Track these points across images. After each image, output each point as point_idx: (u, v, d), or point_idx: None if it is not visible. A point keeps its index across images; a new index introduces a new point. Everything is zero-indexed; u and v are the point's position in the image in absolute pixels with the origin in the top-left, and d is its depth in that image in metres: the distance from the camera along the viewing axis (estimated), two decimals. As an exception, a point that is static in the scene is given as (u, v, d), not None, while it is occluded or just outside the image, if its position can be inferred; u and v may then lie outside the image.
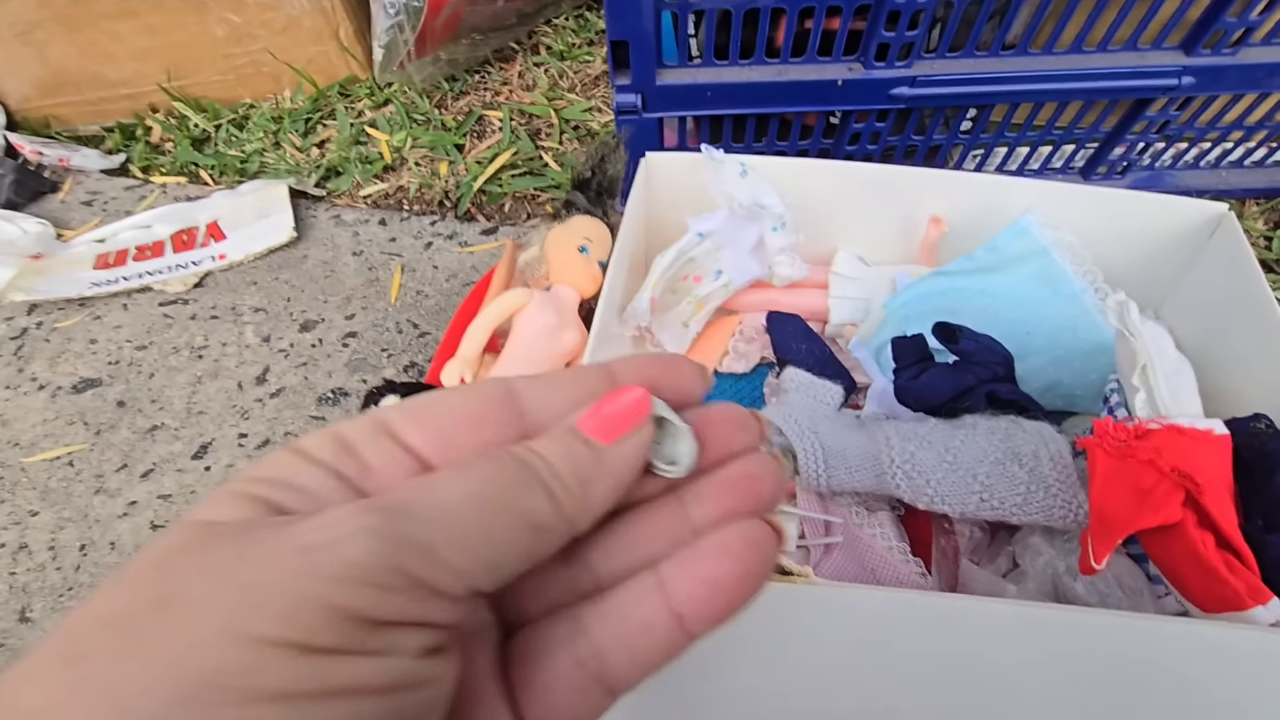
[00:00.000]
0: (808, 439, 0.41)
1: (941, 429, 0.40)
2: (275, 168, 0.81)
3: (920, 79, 0.56)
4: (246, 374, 0.61)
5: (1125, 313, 0.36)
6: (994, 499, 0.36)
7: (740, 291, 0.55)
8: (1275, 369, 0.39)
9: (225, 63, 0.86)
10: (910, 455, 0.38)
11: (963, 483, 0.37)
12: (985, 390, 0.40)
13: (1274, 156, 0.66)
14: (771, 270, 0.53)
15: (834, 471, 0.40)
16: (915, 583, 0.39)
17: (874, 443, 0.40)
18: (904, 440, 0.39)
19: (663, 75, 0.57)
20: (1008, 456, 0.37)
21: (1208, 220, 0.47)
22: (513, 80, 0.88)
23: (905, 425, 0.41)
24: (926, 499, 0.38)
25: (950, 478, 0.37)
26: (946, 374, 0.42)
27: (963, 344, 0.40)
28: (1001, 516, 0.37)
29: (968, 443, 0.38)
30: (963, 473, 0.37)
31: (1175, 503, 0.31)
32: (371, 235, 0.72)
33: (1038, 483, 0.36)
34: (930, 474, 0.38)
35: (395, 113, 0.84)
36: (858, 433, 0.41)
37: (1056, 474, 0.36)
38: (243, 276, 0.69)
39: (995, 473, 0.37)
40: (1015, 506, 0.36)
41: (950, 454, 0.38)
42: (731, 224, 0.52)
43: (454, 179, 0.77)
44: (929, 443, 0.39)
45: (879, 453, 0.39)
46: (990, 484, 0.37)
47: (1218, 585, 0.30)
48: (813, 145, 0.63)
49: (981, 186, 0.49)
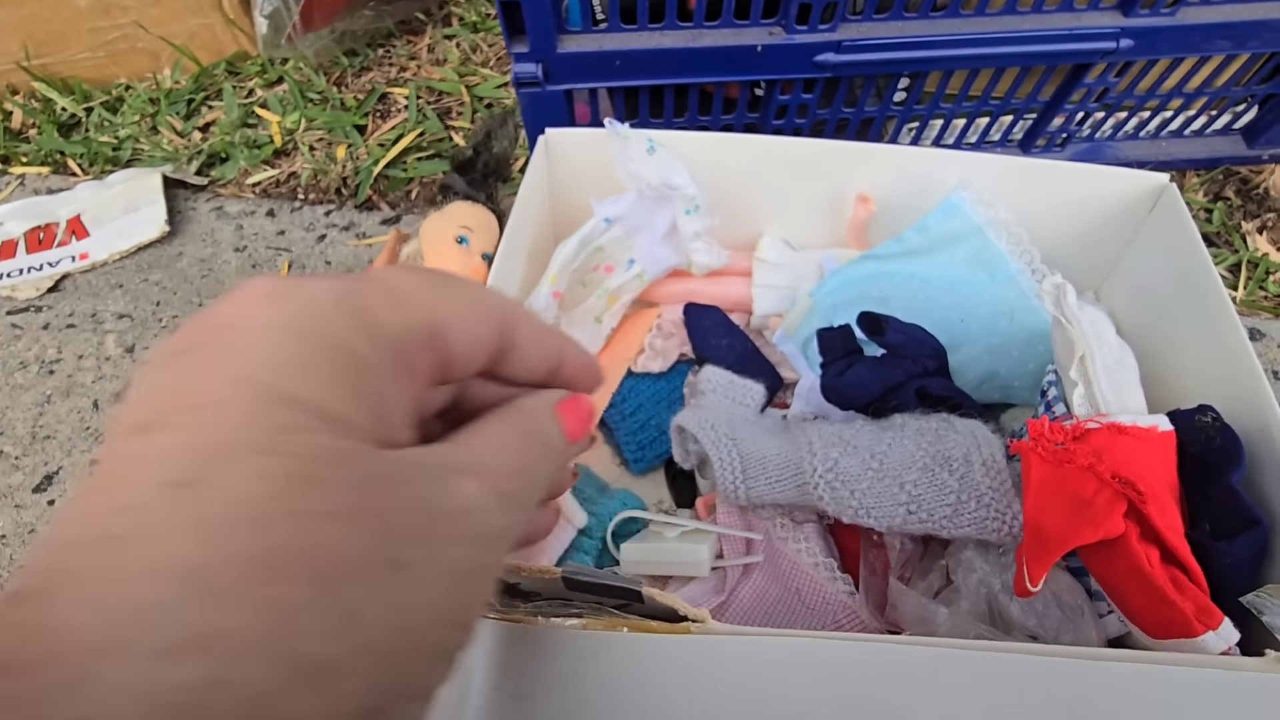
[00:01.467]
0: (724, 447, 0.36)
1: (868, 431, 0.35)
2: (151, 155, 0.72)
3: (846, 44, 0.51)
4: (104, 390, 0.54)
5: (1062, 297, 0.32)
6: (922, 510, 0.32)
7: (658, 282, 0.50)
8: (1219, 353, 0.36)
9: (93, 37, 0.77)
10: (834, 463, 0.34)
11: (889, 493, 0.33)
12: (915, 386, 0.36)
13: (1213, 125, 0.64)
14: (689, 258, 0.48)
15: (753, 483, 0.36)
16: (842, 602, 0.35)
17: (796, 449, 0.36)
18: (827, 446, 0.35)
19: (564, 42, 0.51)
20: (937, 462, 0.33)
21: (1148, 192, 0.43)
22: (421, 54, 0.80)
23: (830, 428, 0.36)
24: (851, 512, 0.34)
25: (876, 487, 0.33)
26: (873, 369, 0.37)
27: (889, 336, 0.36)
28: (930, 530, 0.33)
29: (895, 446, 0.34)
30: (889, 481, 0.33)
31: (1117, 514, 0.28)
32: (257, 228, 0.65)
33: (969, 491, 0.32)
34: (854, 483, 0.34)
35: (288, 91, 0.76)
36: (779, 438, 0.37)
37: (989, 481, 0.32)
38: (107, 278, 0.61)
39: (924, 480, 0.33)
40: (945, 519, 0.32)
41: (876, 460, 0.34)
42: (641, 207, 0.47)
43: (353, 163, 0.70)
44: (854, 448, 0.34)
45: (800, 460, 0.35)
46: (918, 494, 0.33)
47: (1164, 608, 0.27)
48: (737, 120, 0.59)
49: (912, 160, 0.44)
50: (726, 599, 0.36)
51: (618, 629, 0.25)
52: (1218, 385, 0.36)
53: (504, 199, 0.50)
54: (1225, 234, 0.63)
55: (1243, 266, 0.61)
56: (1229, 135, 0.65)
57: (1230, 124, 0.64)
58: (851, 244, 0.48)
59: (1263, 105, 0.63)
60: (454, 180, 0.44)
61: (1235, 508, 0.30)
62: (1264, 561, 0.30)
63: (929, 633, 0.31)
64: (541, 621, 0.25)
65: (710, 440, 0.37)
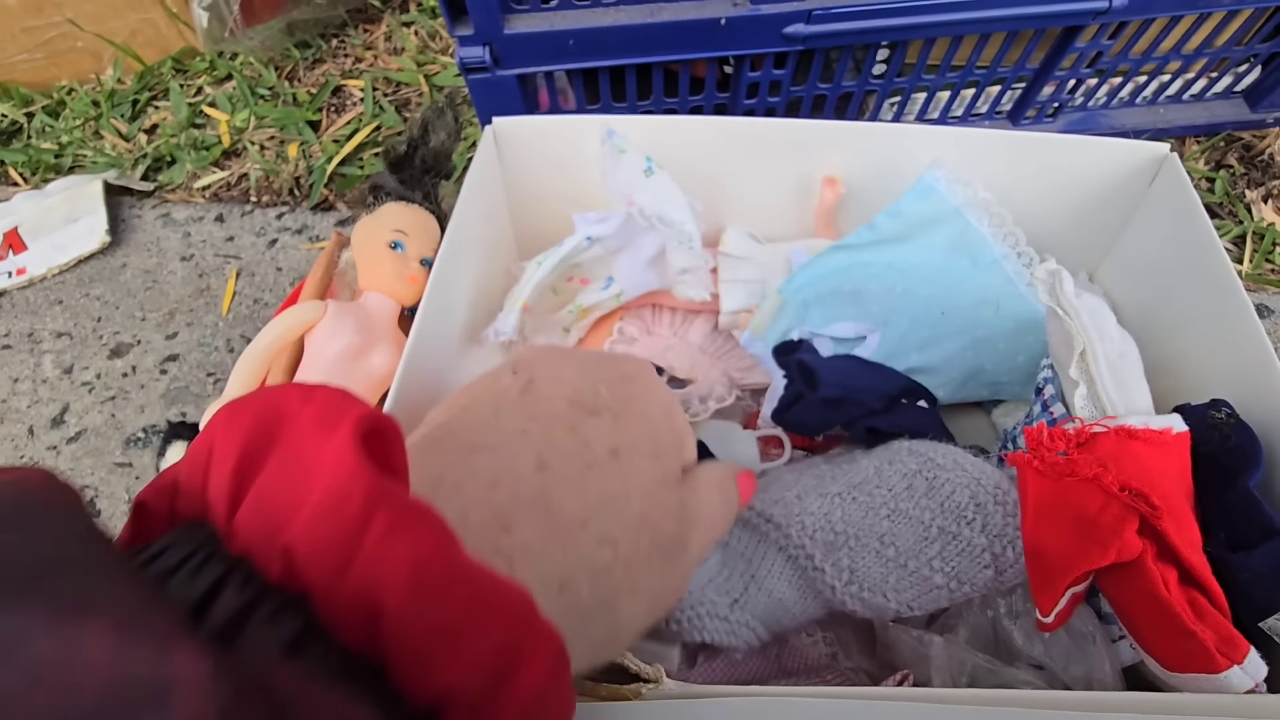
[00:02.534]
0: (738, 623, 0.29)
1: (857, 508, 0.30)
2: (95, 160, 0.69)
3: (817, 13, 0.47)
4: (40, 415, 0.51)
5: (1058, 285, 0.29)
6: (964, 584, 0.28)
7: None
8: (1228, 338, 0.33)
9: (28, 38, 0.72)
10: (849, 571, 0.29)
11: (921, 578, 0.29)
12: (863, 426, 0.33)
13: (1214, 89, 0.60)
14: (673, 288, 0.44)
15: (776, 627, 0.30)
16: (826, 665, 0.31)
17: (800, 572, 0.30)
18: (829, 552, 0.30)
19: (512, 22, 0.47)
20: (951, 520, 0.29)
21: (1147, 164, 0.40)
22: (377, 44, 0.76)
23: (812, 519, 0.30)
24: (892, 612, 0.29)
25: (905, 579, 0.29)
26: (817, 413, 0.34)
27: (823, 391, 0.33)
28: (980, 592, 0.29)
29: (898, 519, 0.29)
30: (914, 565, 0.29)
31: (1129, 532, 0.24)
32: (205, 234, 0.61)
33: (1000, 542, 0.28)
34: (881, 584, 0.29)
35: (237, 88, 0.72)
36: (777, 565, 0.30)
37: (1014, 520, 0.28)
38: (45, 294, 0.58)
39: (950, 551, 0.29)
40: (988, 582, 0.28)
41: (889, 547, 0.29)
42: (629, 228, 0.42)
43: (306, 162, 0.66)
44: (857, 540, 0.29)
45: (814, 582, 0.30)
46: (951, 569, 0.29)
47: (1183, 638, 0.23)
48: (706, 101, 0.55)
49: (886, 137, 0.41)
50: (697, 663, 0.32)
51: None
52: (1228, 375, 0.33)
53: (447, 198, 0.47)
54: (1229, 204, 0.60)
55: (1248, 238, 0.58)
56: (1231, 99, 0.62)
57: (1231, 86, 0.61)
58: (820, 232, 0.44)
59: (1266, 65, 0.59)
60: (384, 179, 0.40)
61: (1253, 515, 0.27)
62: (1289, 576, 0.27)
63: (924, 669, 0.28)
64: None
65: (718, 630, 0.29)
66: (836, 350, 0.37)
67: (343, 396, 0.15)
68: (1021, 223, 0.41)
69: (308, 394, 0.15)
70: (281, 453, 0.14)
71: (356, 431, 0.13)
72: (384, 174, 0.41)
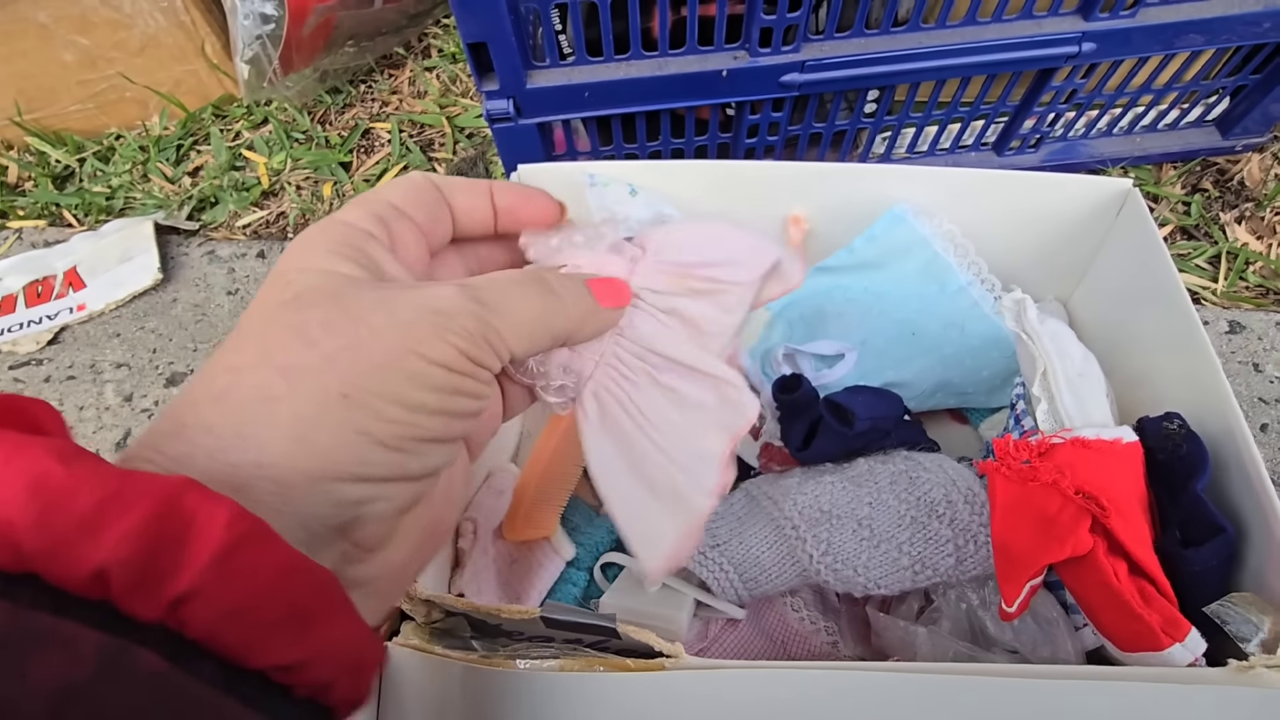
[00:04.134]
0: (712, 563, 0.35)
1: (843, 490, 0.35)
2: (143, 202, 0.74)
3: (810, 63, 0.52)
4: (105, 440, 0.55)
5: (1022, 313, 0.33)
6: (926, 569, 0.32)
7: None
8: (1184, 359, 0.37)
9: (82, 90, 0.79)
10: (826, 544, 0.33)
11: (889, 559, 0.33)
12: (877, 447, 0.37)
13: (1186, 118, 0.64)
14: None
15: (753, 585, 0.35)
16: (826, 654, 0.35)
17: (783, 537, 0.35)
18: (812, 525, 0.34)
19: (534, 77, 0.52)
20: (923, 512, 0.33)
21: (1112, 197, 0.44)
22: (403, 88, 0.82)
23: (805, 497, 0.35)
24: (859, 587, 0.34)
25: (875, 557, 0.33)
26: (836, 441, 0.38)
27: (858, 426, 0.36)
28: (942, 581, 0.33)
29: (878, 506, 0.34)
30: (886, 547, 0.33)
31: (1083, 529, 0.28)
32: (249, 270, 0.66)
33: (964, 535, 0.32)
34: (854, 560, 0.33)
35: (274, 132, 0.77)
36: (761, 527, 0.36)
37: (979, 517, 0.32)
38: (104, 328, 0.63)
39: (919, 538, 0.33)
40: (950, 570, 0.32)
41: (865, 527, 0.33)
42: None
43: (339, 200, 0.71)
44: (839, 519, 0.34)
45: (793, 549, 0.34)
46: (917, 553, 0.33)
47: (1132, 621, 0.27)
48: (710, 141, 0.59)
49: (862, 179, 0.45)
50: (707, 645, 0.36)
51: (593, 668, 0.26)
52: (1184, 390, 0.37)
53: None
54: (1204, 226, 0.64)
55: (1223, 258, 0.61)
56: (1203, 127, 0.66)
57: (1203, 116, 0.65)
58: None
59: (1234, 96, 0.63)
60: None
61: (1201, 515, 0.30)
62: (1232, 568, 0.30)
63: (911, 656, 0.32)
64: (519, 665, 0.26)
65: (695, 562, 0.35)
66: (819, 366, 0.41)
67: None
68: (999, 255, 0.45)
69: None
70: None
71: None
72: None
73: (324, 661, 0.14)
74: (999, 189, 0.44)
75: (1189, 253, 0.62)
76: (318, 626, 0.14)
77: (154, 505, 0.13)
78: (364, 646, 0.15)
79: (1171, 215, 0.64)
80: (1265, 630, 0.28)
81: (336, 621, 0.15)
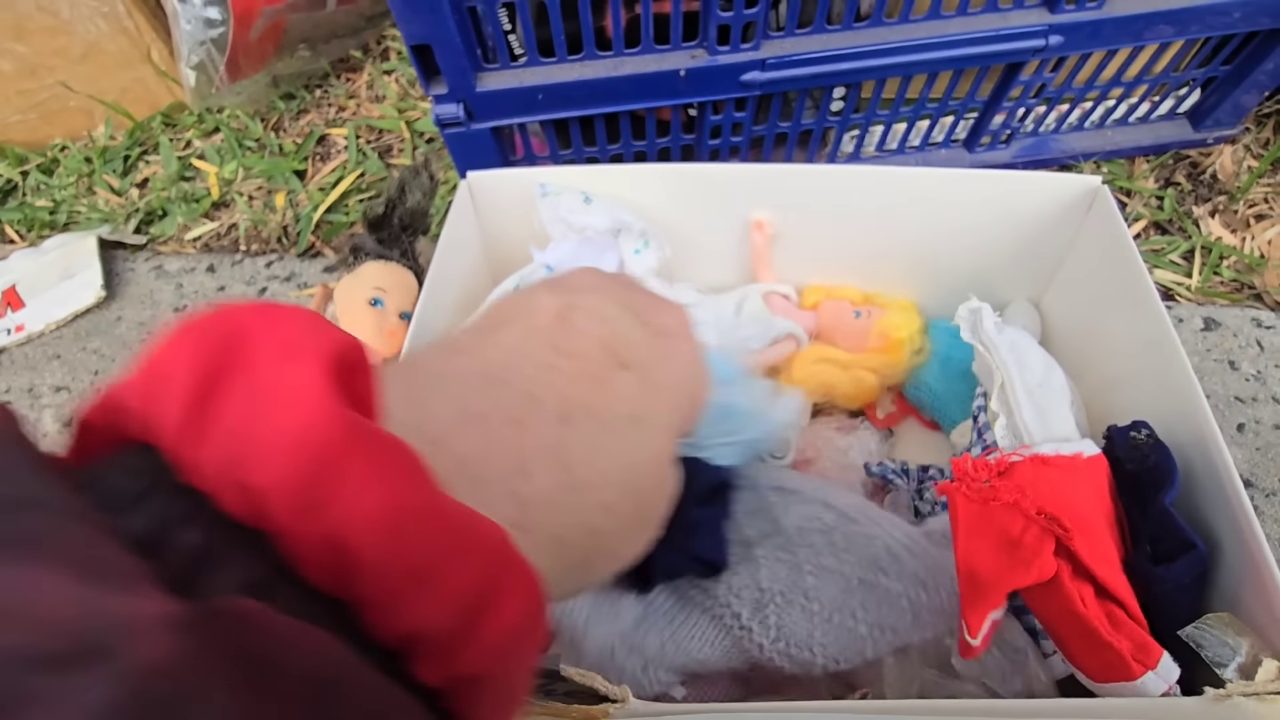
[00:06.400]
0: (652, 679, 0.30)
1: (781, 566, 0.31)
2: (89, 216, 0.71)
3: (771, 61, 0.50)
4: (42, 468, 0.52)
5: (978, 323, 0.31)
6: (886, 632, 0.30)
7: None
8: (1156, 361, 0.35)
9: (22, 100, 0.75)
10: (776, 629, 0.30)
11: (845, 629, 0.30)
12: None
13: (1158, 110, 0.63)
14: None
15: (693, 676, 0.31)
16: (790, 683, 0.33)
17: (726, 632, 0.30)
18: (756, 611, 0.30)
19: (484, 80, 0.50)
20: (867, 569, 0.30)
21: (1082, 195, 0.42)
22: (360, 92, 0.79)
23: (738, 580, 0.31)
24: (820, 668, 0.30)
25: (831, 633, 0.30)
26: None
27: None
28: (900, 642, 0.31)
29: (822, 576, 0.30)
30: (839, 617, 0.30)
31: (1047, 552, 0.27)
32: (197, 285, 0.64)
33: (916, 587, 0.30)
34: (809, 641, 0.30)
35: (225, 140, 0.74)
36: (700, 625, 0.31)
37: (921, 562, 0.30)
38: (44, 350, 0.60)
39: (870, 600, 0.30)
40: (909, 627, 0.30)
41: (814, 601, 0.30)
42: (585, 251, 0.45)
43: (293, 210, 0.69)
44: (784, 597, 0.30)
45: (739, 640, 0.30)
46: (873, 618, 0.30)
47: (1101, 649, 0.26)
48: (673, 142, 0.58)
49: (828, 179, 0.43)
50: None
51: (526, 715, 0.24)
52: (1156, 394, 0.35)
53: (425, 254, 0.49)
54: (1178, 220, 0.62)
55: (1197, 253, 0.60)
56: (1175, 120, 0.65)
57: (1175, 108, 0.64)
58: (760, 276, 0.46)
59: (1205, 88, 0.62)
60: (363, 240, 0.42)
61: (1172, 530, 0.29)
62: (1205, 585, 0.29)
63: (878, 683, 0.30)
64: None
65: (637, 686, 0.30)
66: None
67: (311, 321, 0.14)
68: (969, 254, 0.44)
69: (273, 315, 0.14)
70: (243, 378, 0.13)
71: (325, 362, 0.13)
72: (363, 235, 0.43)
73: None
74: (967, 188, 0.43)
75: (1163, 248, 0.61)
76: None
77: (479, 569, 0.13)
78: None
79: (1145, 210, 0.63)
80: (1243, 653, 0.26)
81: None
